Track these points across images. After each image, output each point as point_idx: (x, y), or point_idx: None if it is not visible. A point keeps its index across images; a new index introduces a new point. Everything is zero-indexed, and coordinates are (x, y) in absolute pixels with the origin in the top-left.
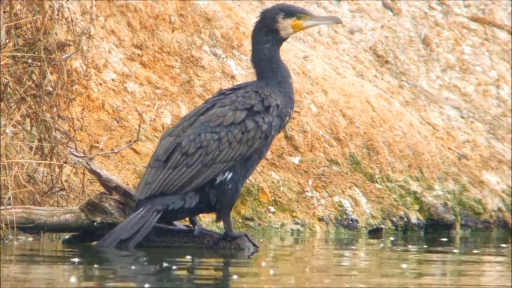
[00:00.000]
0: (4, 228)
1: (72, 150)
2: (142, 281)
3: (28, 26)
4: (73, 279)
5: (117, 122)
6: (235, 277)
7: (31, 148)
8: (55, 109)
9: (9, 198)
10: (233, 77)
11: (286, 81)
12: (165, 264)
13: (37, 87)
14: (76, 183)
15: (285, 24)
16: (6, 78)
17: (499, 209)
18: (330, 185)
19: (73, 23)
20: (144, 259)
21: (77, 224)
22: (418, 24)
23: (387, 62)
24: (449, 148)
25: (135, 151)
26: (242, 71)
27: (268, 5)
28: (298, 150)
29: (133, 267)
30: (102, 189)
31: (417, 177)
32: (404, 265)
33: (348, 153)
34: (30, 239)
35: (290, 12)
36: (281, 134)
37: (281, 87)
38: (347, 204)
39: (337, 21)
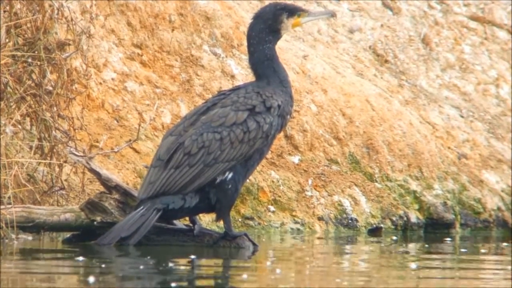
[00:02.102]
0: (4, 227)
1: (72, 149)
2: (160, 281)
3: (28, 25)
4: (91, 279)
5: (117, 121)
6: (244, 276)
7: (31, 147)
8: (55, 108)
9: (9, 197)
10: (233, 76)
11: (287, 80)
12: (170, 264)
13: (37, 86)
14: (76, 182)
15: (288, 24)
16: (6, 78)
17: (499, 208)
18: (329, 184)
19: (73, 22)
20: (148, 258)
21: (77, 223)
22: (418, 23)
23: (386, 61)
24: (449, 148)
25: (135, 150)
26: (242, 71)
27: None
28: (297, 149)
29: (141, 267)
30: (102, 188)
31: (417, 177)
32: (413, 265)
33: (348, 153)
34: (30, 238)
35: (293, 11)
36: (281, 133)
37: (283, 86)
38: (346, 203)
39: (332, 14)
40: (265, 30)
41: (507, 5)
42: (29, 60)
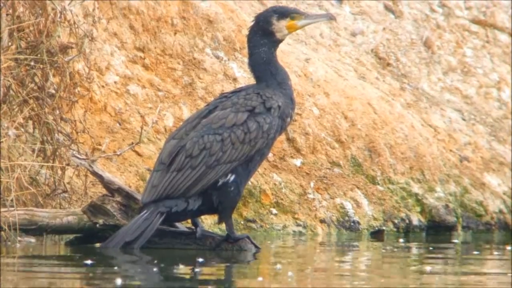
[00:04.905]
0: (7, 230)
1: (74, 152)
2: (183, 283)
3: (31, 28)
4: (119, 281)
5: (120, 124)
6: (260, 278)
7: (33, 150)
8: (57, 112)
9: (11, 200)
10: (235, 79)
11: (286, 82)
12: (181, 266)
13: (40, 89)
14: (78, 185)
15: (280, 26)
16: (8, 81)
17: (500, 211)
18: (331, 187)
19: (76, 26)
20: (156, 261)
21: (80, 226)
22: (420, 27)
23: (388, 64)
24: (451, 150)
25: (138, 153)
26: (244, 74)
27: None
28: (300, 152)
29: (155, 269)
30: (104, 191)
31: (419, 179)
32: (428, 268)
33: (350, 155)
34: (33, 240)
35: (283, 13)
36: (283, 136)
37: (282, 88)
38: (348, 206)
39: (331, 17)
40: (258, 33)
41: (509, 8)
42: (32, 63)
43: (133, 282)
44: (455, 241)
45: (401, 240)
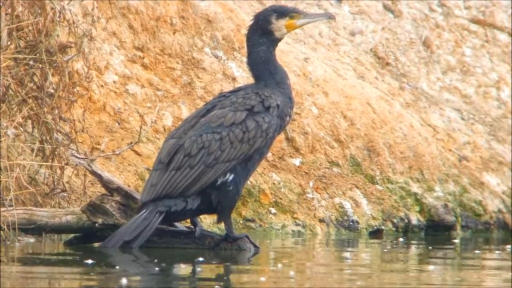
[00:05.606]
0: (6, 229)
1: (73, 151)
2: (190, 281)
3: (30, 28)
4: (124, 280)
5: (119, 123)
6: (262, 278)
7: (32, 150)
8: (56, 111)
9: (10, 200)
10: (234, 79)
11: (285, 82)
12: (183, 266)
13: (39, 89)
14: (77, 185)
15: (279, 25)
16: (7, 80)
17: (499, 211)
18: (330, 186)
19: (75, 25)
20: (156, 260)
21: (79, 225)
22: (419, 26)
23: (387, 64)
24: (450, 150)
25: (136, 153)
26: (243, 73)
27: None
28: (299, 151)
29: (156, 269)
30: (103, 191)
31: (418, 179)
32: (431, 267)
33: (349, 155)
34: (32, 240)
35: (283, 12)
36: (282, 136)
37: (280, 87)
38: (347, 205)
39: (330, 16)
40: (257, 32)
41: (508, 7)
42: (31, 62)
43: (136, 282)
44: (455, 240)
45: (400, 239)
